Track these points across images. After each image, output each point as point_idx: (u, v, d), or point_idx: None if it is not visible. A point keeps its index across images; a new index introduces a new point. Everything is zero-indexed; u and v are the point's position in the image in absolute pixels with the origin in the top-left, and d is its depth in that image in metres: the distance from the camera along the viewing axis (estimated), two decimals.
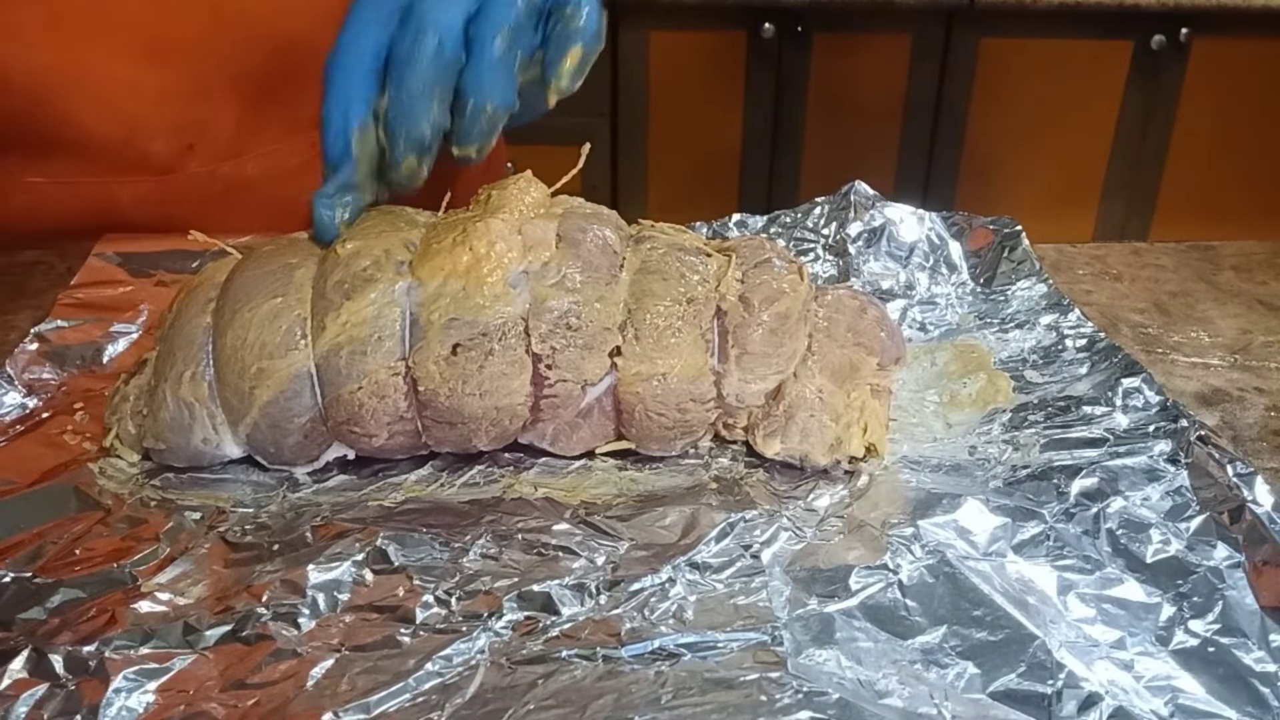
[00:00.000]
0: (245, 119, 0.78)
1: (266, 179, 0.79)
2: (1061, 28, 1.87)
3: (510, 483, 0.56)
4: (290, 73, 0.77)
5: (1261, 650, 0.45)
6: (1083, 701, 0.43)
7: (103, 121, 0.75)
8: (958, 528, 0.51)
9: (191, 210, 0.78)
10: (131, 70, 0.74)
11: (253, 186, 0.79)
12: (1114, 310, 0.75)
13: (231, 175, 0.79)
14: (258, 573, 0.49)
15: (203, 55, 0.75)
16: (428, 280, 0.54)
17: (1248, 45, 1.89)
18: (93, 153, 0.76)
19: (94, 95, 0.74)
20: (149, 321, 0.67)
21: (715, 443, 0.59)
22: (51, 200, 0.78)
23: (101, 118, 0.74)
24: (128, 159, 0.76)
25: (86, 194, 0.77)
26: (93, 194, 0.77)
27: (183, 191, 0.78)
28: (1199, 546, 0.50)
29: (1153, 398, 0.59)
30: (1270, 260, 0.83)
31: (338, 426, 0.55)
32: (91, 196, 0.77)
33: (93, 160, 0.76)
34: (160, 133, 0.76)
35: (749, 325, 0.56)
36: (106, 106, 0.74)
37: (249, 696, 0.43)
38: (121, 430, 0.56)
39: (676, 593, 0.48)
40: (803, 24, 1.89)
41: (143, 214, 0.78)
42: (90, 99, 0.74)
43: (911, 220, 0.76)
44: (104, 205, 0.78)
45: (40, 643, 0.45)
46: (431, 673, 0.44)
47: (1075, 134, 1.96)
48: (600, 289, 0.55)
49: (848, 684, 0.44)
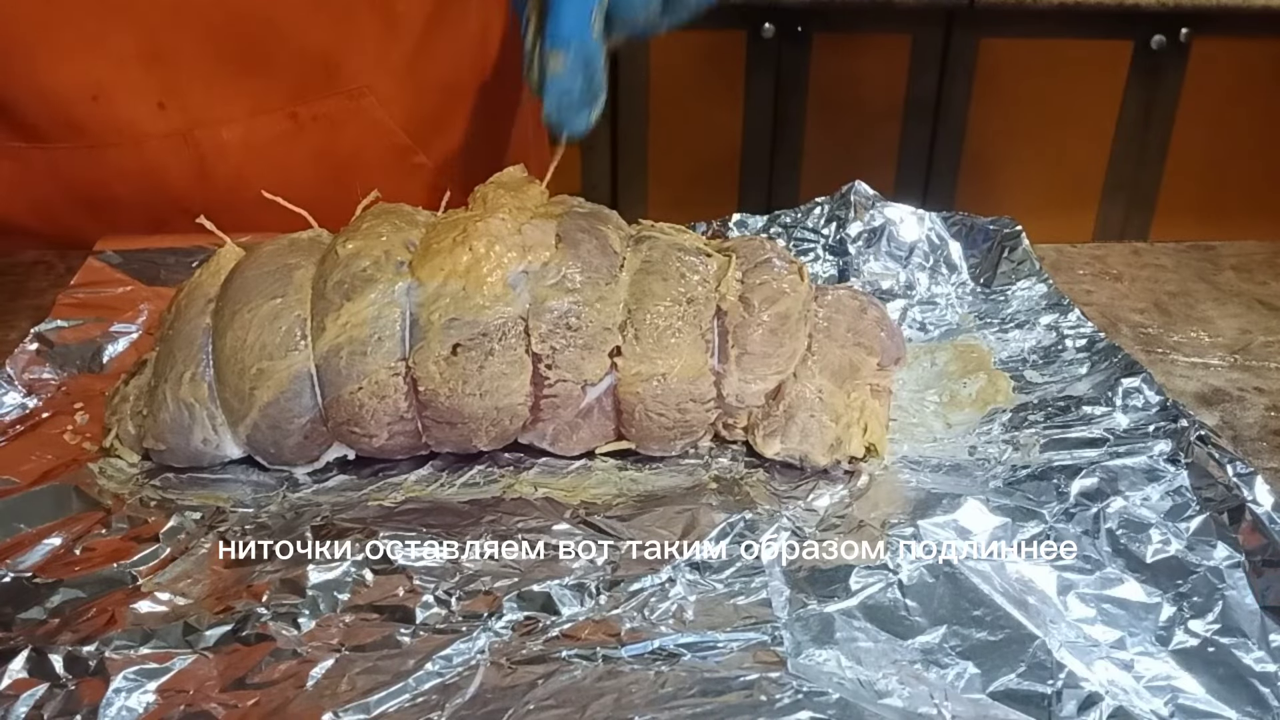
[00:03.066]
0: (216, 84, 0.77)
1: (244, 149, 0.79)
2: (1061, 28, 1.86)
3: (510, 483, 0.56)
4: (264, 41, 0.77)
5: (1261, 650, 0.45)
6: (1083, 701, 0.43)
7: (68, 78, 0.74)
8: (958, 528, 0.51)
9: (175, 183, 0.78)
10: (94, 26, 0.74)
11: (231, 157, 0.79)
12: (1114, 310, 0.75)
13: (208, 143, 0.78)
14: (258, 573, 0.49)
15: (167, 14, 0.74)
16: (428, 280, 0.54)
17: (1248, 45, 1.89)
18: (65, 114, 0.75)
19: (56, 51, 0.74)
20: (149, 321, 0.67)
21: (715, 443, 0.59)
22: (36, 170, 0.78)
23: (66, 74, 0.74)
24: (100, 120, 0.76)
25: (69, 164, 0.77)
26: (75, 163, 0.77)
27: (161, 160, 0.78)
28: (1199, 546, 0.50)
29: (1153, 398, 0.59)
30: (1270, 260, 0.83)
31: (338, 427, 0.55)
32: (74, 166, 0.77)
33: (68, 123, 0.76)
34: (126, 91, 0.76)
35: (749, 325, 0.56)
36: (70, 63, 0.74)
37: (249, 696, 0.43)
38: (121, 430, 0.56)
39: (676, 593, 0.48)
40: (803, 24, 1.89)
41: (127, 187, 0.78)
42: (53, 55, 0.74)
43: (911, 220, 0.76)
44: (88, 177, 0.78)
45: (40, 643, 0.45)
46: (431, 673, 0.44)
47: (1075, 134, 1.96)
48: (600, 289, 0.55)
49: (848, 684, 0.44)
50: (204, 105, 0.78)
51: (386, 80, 0.81)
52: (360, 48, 0.80)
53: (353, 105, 0.81)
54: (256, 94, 0.78)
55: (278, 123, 0.79)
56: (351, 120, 0.81)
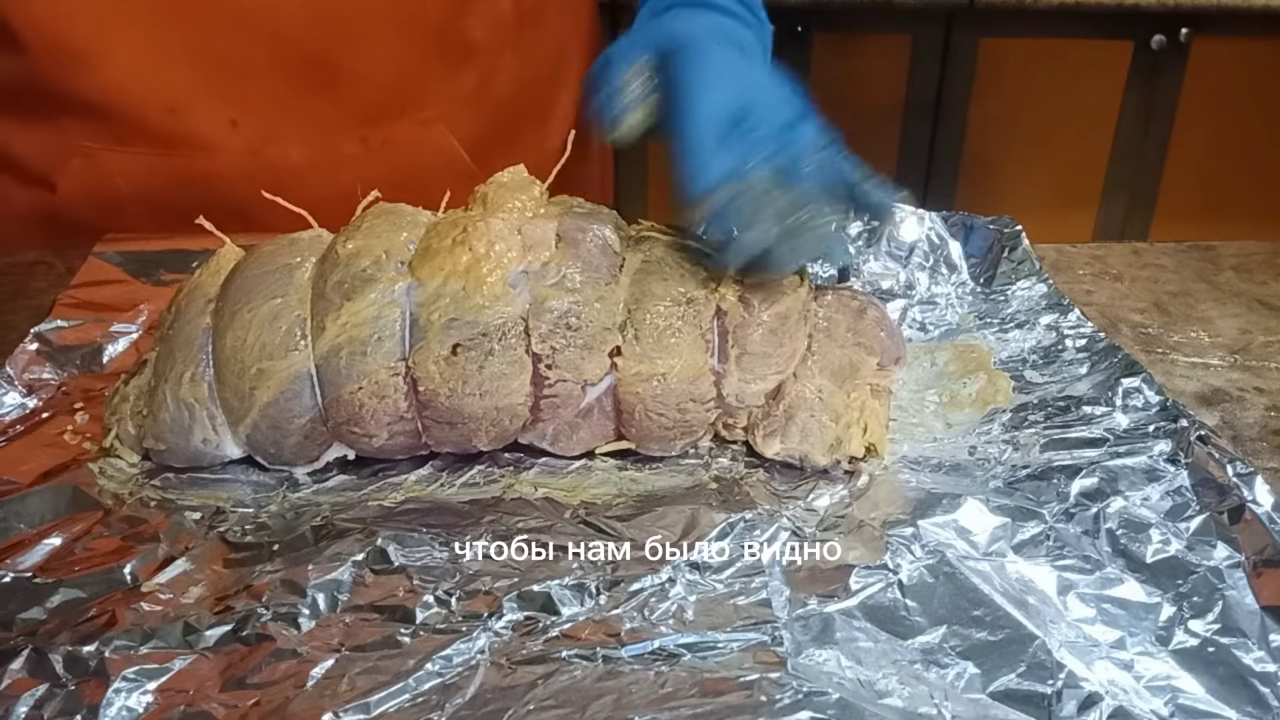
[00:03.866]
0: (289, 105, 0.77)
1: (313, 168, 0.79)
2: (1061, 28, 1.86)
3: (510, 483, 0.56)
4: (338, 67, 0.77)
5: (1261, 650, 0.45)
6: (1083, 701, 0.43)
7: (146, 88, 0.75)
8: (958, 528, 0.51)
9: (240, 196, 0.77)
10: (175, 42, 0.74)
11: (298, 174, 0.78)
12: (1114, 310, 0.75)
13: (276, 160, 0.78)
14: (258, 573, 0.49)
15: (245, 36, 0.75)
16: (427, 280, 0.54)
17: (1248, 45, 1.89)
18: (141, 122, 0.76)
19: (138, 62, 0.74)
20: (149, 321, 0.67)
21: (715, 443, 0.59)
22: (108, 172, 0.78)
23: (145, 84, 0.75)
24: (174, 131, 0.76)
25: (140, 168, 0.78)
26: (146, 168, 0.78)
27: (228, 170, 0.78)
28: (1199, 546, 0.50)
29: (1153, 398, 0.59)
30: (1270, 260, 0.83)
31: (338, 427, 0.55)
32: (144, 171, 0.78)
33: (143, 131, 0.76)
34: (202, 106, 0.76)
35: (749, 325, 0.56)
36: (150, 75, 0.75)
37: (249, 696, 0.43)
38: (121, 430, 0.56)
39: (676, 593, 0.48)
40: (803, 24, 1.88)
41: (188, 194, 0.78)
42: (133, 65, 0.74)
43: (911, 220, 0.76)
44: (156, 182, 0.78)
45: (40, 643, 0.45)
46: (431, 673, 0.44)
47: (1075, 134, 1.95)
48: (600, 289, 0.55)
49: (848, 684, 0.44)
50: (275, 124, 0.78)
51: (457, 107, 0.81)
52: (433, 76, 0.80)
53: (423, 131, 0.81)
54: (328, 117, 0.78)
55: (347, 145, 0.80)
56: (420, 145, 0.81)
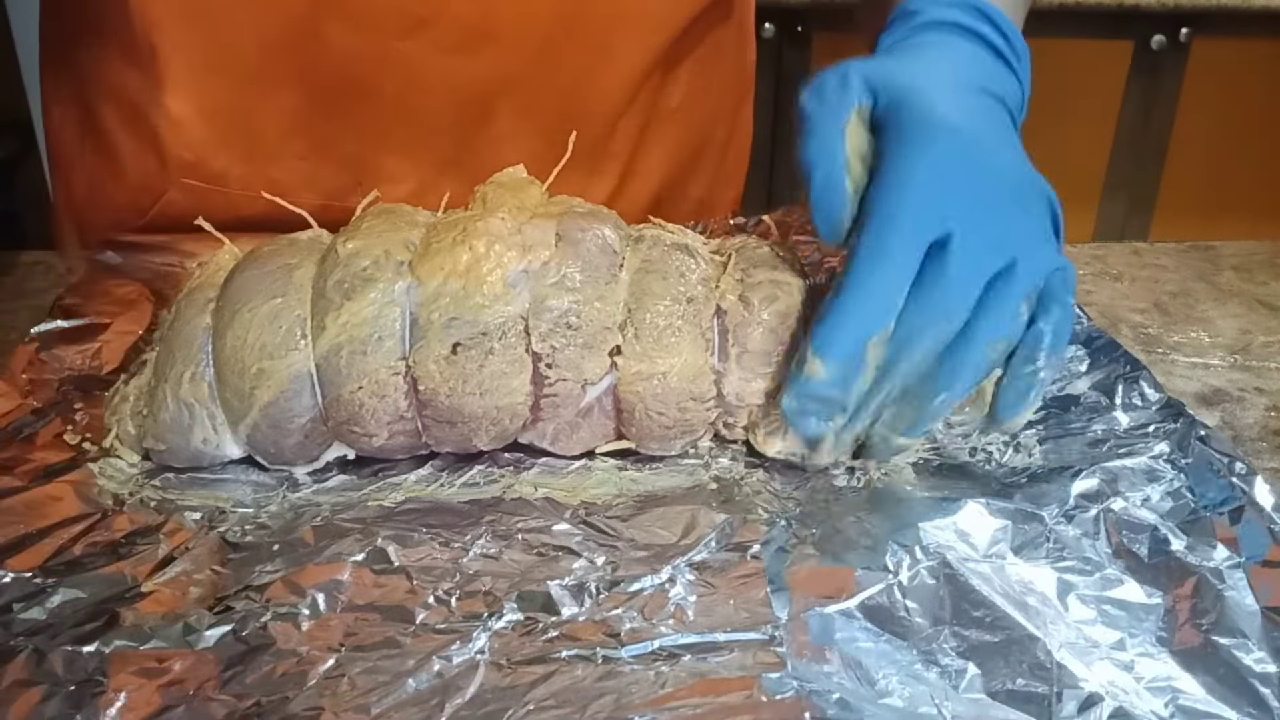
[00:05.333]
0: (423, 177, 0.76)
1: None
2: (1061, 28, 1.86)
3: (510, 483, 0.56)
4: (476, 131, 0.75)
5: (1261, 650, 0.45)
6: (1083, 702, 0.43)
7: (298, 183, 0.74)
8: (957, 529, 0.51)
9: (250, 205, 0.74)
10: (303, 106, 0.73)
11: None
12: (1114, 310, 0.75)
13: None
14: (258, 573, 0.49)
15: (393, 109, 0.73)
16: (427, 280, 0.54)
17: (1248, 45, 1.89)
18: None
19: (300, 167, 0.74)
20: (149, 322, 0.67)
21: (715, 443, 0.59)
22: (202, 202, 0.74)
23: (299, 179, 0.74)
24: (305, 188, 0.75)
25: (255, 207, 0.73)
26: (263, 208, 0.72)
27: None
28: (1199, 547, 0.50)
29: (1153, 397, 0.59)
30: (1270, 260, 0.83)
31: (338, 426, 0.55)
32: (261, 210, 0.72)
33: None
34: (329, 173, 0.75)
35: (749, 324, 0.56)
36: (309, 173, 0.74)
37: (249, 696, 0.43)
38: (121, 430, 0.56)
39: (676, 593, 0.48)
40: (803, 24, 1.88)
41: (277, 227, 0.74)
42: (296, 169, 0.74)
43: None
44: (253, 216, 0.74)
45: (40, 643, 0.45)
46: (431, 673, 0.44)
47: (1075, 134, 1.96)
48: (600, 288, 0.55)
49: (848, 684, 0.44)
50: (408, 198, 0.72)
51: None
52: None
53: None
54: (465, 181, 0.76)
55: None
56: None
